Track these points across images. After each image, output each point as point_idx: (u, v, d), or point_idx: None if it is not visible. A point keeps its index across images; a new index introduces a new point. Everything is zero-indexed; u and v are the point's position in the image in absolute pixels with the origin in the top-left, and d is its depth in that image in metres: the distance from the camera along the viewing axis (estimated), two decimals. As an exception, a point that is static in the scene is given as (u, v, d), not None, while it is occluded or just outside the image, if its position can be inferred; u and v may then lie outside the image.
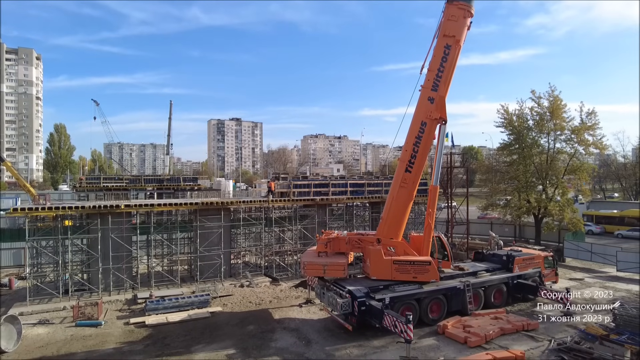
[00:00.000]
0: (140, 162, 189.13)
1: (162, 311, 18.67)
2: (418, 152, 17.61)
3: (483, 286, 18.87)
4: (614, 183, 72.54)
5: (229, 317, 18.53)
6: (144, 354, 14.58)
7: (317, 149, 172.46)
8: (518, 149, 34.31)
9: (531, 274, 20.58)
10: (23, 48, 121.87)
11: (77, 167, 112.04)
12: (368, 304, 15.64)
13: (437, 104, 17.34)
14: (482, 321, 16.60)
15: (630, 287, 22.90)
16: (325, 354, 14.39)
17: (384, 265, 17.22)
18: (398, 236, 17.92)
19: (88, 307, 18.17)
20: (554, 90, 32.89)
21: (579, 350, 13.67)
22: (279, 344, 15.34)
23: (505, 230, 37.16)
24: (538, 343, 14.99)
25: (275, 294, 22.02)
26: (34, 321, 17.80)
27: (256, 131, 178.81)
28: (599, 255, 28.48)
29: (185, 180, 41.24)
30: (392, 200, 18.02)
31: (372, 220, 29.59)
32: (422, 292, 16.97)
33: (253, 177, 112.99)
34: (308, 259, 17.93)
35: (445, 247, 19.19)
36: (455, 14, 17.30)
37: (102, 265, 21.14)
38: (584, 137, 32.38)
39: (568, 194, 32.71)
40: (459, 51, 17.53)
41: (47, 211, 20.43)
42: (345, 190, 28.26)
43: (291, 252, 27.27)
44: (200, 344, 15.34)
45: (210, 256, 23.87)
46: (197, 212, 23.85)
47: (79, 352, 14.84)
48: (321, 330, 16.71)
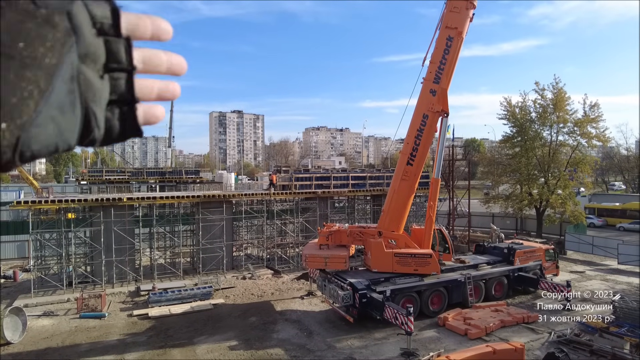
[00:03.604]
0: (142, 155, 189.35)
1: (165, 303, 18.83)
2: (420, 144, 17.57)
3: (484, 279, 18.94)
4: (617, 176, 72.26)
5: (231, 309, 18.68)
6: (147, 345, 14.75)
7: (319, 142, 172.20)
8: (520, 141, 34.13)
9: (532, 266, 20.62)
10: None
11: (80, 159, 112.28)
12: (369, 296, 15.74)
13: (439, 96, 17.26)
14: (483, 313, 16.70)
15: (631, 279, 22.92)
16: (326, 345, 14.53)
17: (385, 257, 17.28)
18: (399, 229, 17.96)
19: (92, 299, 18.34)
20: (558, 82, 32.67)
21: (579, 342, 13.77)
22: (281, 335, 15.48)
23: (507, 222, 37.13)
24: (538, 335, 15.09)
25: (277, 286, 22.16)
26: (38, 313, 18.00)
27: (258, 123, 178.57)
28: (600, 248, 28.46)
29: (187, 173, 41.23)
30: (393, 193, 18.04)
31: (373, 213, 29.62)
32: (423, 284, 17.05)
33: (255, 169, 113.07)
34: (310, 251, 18.02)
35: (446, 240, 19.22)
36: (458, 6, 17.15)
37: (105, 258, 21.28)
38: (587, 130, 32.19)
39: (570, 187, 32.60)
40: (461, 43, 17.41)
41: (50, 204, 20.54)
42: (347, 183, 28.27)
43: (293, 245, 27.38)
44: (202, 336, 15.49)
45: (213, 248, 23.99)
46: (199, 205, 23.93)
47: (83, 343, 15.03)
48: (322, 322, 16.84)
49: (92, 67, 0.52)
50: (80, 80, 0.51)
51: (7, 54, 0.44)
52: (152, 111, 0.62)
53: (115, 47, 0.54)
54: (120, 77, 0.56)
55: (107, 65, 0.54)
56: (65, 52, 0.48)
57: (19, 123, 0.45)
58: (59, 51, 0.47)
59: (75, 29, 0.48)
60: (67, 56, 0.48)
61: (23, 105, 0.45)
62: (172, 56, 0.65)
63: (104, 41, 0.53)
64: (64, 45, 0.48)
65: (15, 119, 0.45)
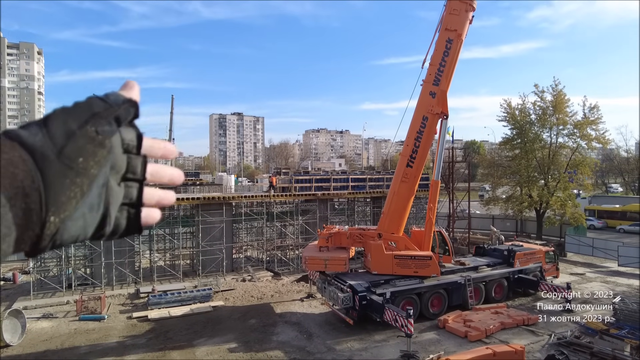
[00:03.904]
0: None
1: (165, 305, 18.81)
2: (419, 147, 17.59)
3: (484, 281, 18.91)
4: (617, 177, 72.21)
5: (230, 311, 18.65)
6: (146, 348, 14.72)
7: (319, 144, 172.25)
8: (520, 143, 34.14)
9: (532, 268, 20.59)
10: (24, 42, 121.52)
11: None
12: (369, 298, 15.71)
13: (438, 98, 17.29)
14: (483, 315, 16.68)
15: (631, 281, 22.90)
16: (326, 347, 14.50)
17: (385, 259, 17.27)
18: (399, 231, 17.95)
19: (91, 301, 18.32)
20: (557, 84, 32.71)
21: (579, 345, 13.74)
22: (281, 337, 15.45)
23: (507, 224, 37.11)
24: (538, 337, 15.06)
25: (276, 288, 22.13)
26: (37, 315, 17.97)
27: (258, 125, 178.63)
28: (601, 250, 28.44)
29: (187, 175, 41.29)
30: (393, 195, 18.04)
31: (373, 215, 29.61)
32: (423, 286, 17.03)
33: (255, 171, 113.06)
34: (309, 253, 18.01)
35: (446, 242, 19.22)
36: (457, 8, 17.19)
37: (105, 260, 21.27)
38: (587, 132, 32.21)
39: (570, 189, 32.60)
40: (460, 45, 17.45)
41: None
42: (347, 185, 28.27)
43: (293, 247, 27.36)
44: (202, 338, 15.46)
45: (212, 251, 23.98)
46: (199, 207, 23.92)
47: (83, 346, 15.00)
48: (322, 324, 16.81)
49: (115, 176, 0.65)
50: (107, 186, 0.63)
51: (69, 166, 0.57)
52: (151, 214, 0.75)
53: (134, 162, 0.68)
54: (133, 185, 0.69)
55: (124, 175, 0.67)
56: (104, 164, 0.62)
57: (62, 217, 0.57)
58: (101, 164, 0.61)
59: (111, 148, 0.63)
60: (105, 168, 0.62)
61: (68, 204, 0.58)
62: (174, 171, 0.80)
63: (127, 157, 0.67)
64: (105, 160, 0.61)
65: (60, 213, 0.57)
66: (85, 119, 0.60)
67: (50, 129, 0.58)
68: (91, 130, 0.60)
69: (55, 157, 0.56)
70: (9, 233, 0.53)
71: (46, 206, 0.55)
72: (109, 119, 0.62)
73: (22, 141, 0.56)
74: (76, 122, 0.59)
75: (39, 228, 0.56)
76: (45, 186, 0.55)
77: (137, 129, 0.68)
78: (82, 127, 0.59)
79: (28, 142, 0.56)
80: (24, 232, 0.54)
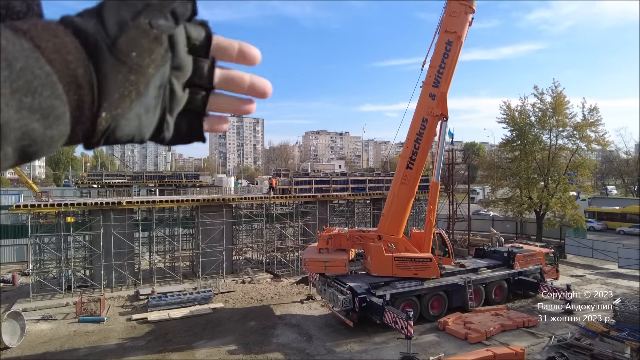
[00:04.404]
0: (142, 159, 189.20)
1: (164, 307, 18.78)
2: (419, 148, 17.60)
3: (484, 283, 18.90)
4: (616, 179, 72.21)
5: (230, 313, 18.63)
6: (146, 350, 14.70)
7: (319, 145, 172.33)
8: (520, 145, 34.19)
9: (532, 270, 20.57)
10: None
11: (80, 163, 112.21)
12: (369, 300, 15.69)
13: (438, 100, 17.31)
14: (483, 317, 16.66)
15: (632, 283, 22.89)
16: (326, 349, 14.48)
17: (384, 261, 17.26)
18: (399, 233, 17.95)
19: (91, 303, 18.28)
20: (557, 86, 32.77)
21: (579, 347, 13.72)
22: (280, 339, 15.43)
23: (507, 226, 37.12)
24: (538, 339, 15.05)
25: (276, 290, 22.11)
26: (37, 317, 17.93)
27: (257, 127, 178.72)
28: (601, 252, 28.43)
29: (187, 177, 41.19)
30: (393, 197, 18.04)
31: (373, 217, 29.60)
32: (423, 288, 17.02)
33: (255, 173, 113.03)
34: (309, 255, 18.00)
35: (446, 244, 19.22)
36: (457, 10, 17.23)
37: (105, 262, 21.24)
38: (586, 134, 32.25)
39: (569, 190, 32.62)
40: (460, 47, 17.48)
41: (49, 208, 20.52)
42: (347, 186, 28.28)
43: (292, 249, 27.33)
44: (202, 340, 15.44)
45: (212, 252, 23.95)
46: (198, 209, 23.91)
47: (82, 348, 14.98)
48: (322, 326, 16.79)
49: (179, 79, 0.61)
50: (167, 89, 0.60)
51: (121, 60, 0.53)
52: (220, 123, 0.72)
53: (201, 65, 0.63)
54: (199, 92, 0.64)
55: (190, 80, 0.63)
56: (162, 64, 0.57)
57: (114, 114, 0.55)
58: (158, 63, 0.57)
59: (173, 46, 0.58)
60: (163, 68, 0.58)
61: (121, 101, 0.55)
62: (256, 78, 0.73)
63: (193, 59, 0.62)
64: (163, 59, 0.57)
65: (113, 110, 0.54)
66: (139, 9, 0.55)
67: (104, 18, 0.54)
68: (144, 23, 0.55)
69: (108, 50, 0.53)
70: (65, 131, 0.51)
71: (98, 101, 0.53)
72: (165, 12, 0.56)
73: (75, 27, 0.52)
74: (129, 12, 0.54)
75: (90, 122, 0.53)
76: (98, 79, 0.52)
77: (208, 27, 0.62)
78: (136, 18, 0.54)
79: (81, 27, 0.52)
80: (75, 125, 0.52)
